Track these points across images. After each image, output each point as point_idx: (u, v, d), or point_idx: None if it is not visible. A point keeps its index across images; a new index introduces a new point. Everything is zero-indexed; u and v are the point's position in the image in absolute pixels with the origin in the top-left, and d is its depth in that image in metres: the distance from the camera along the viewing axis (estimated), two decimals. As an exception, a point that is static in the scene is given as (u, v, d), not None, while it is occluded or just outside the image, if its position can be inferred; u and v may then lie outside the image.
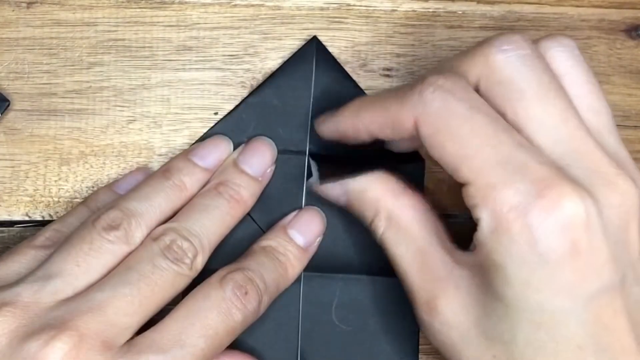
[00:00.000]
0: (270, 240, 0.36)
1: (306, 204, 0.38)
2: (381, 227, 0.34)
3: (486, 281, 0.30)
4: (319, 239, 0.37)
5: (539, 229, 0.28)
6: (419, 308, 0.33)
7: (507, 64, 0.31)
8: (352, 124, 0.34)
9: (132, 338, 0.31)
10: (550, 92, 0.31)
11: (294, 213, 0.37)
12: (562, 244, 0.28)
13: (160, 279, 0.32)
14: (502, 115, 0.31)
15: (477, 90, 0.31)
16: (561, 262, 0.29)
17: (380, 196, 0.34)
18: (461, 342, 0.32)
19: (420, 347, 0.38)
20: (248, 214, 0.37)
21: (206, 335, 0.32)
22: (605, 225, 0.29)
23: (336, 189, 0.35)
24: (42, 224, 0.37)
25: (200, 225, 0.34)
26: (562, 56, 0.32)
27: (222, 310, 0.32)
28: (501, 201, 0.29)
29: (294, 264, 0.36)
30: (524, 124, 0.31)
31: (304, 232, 0.37)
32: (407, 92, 0.31)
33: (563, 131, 0.31)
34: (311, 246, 0.37)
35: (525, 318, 0.29)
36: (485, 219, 0.29)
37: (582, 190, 0.29)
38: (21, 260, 0.34)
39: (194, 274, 0.34)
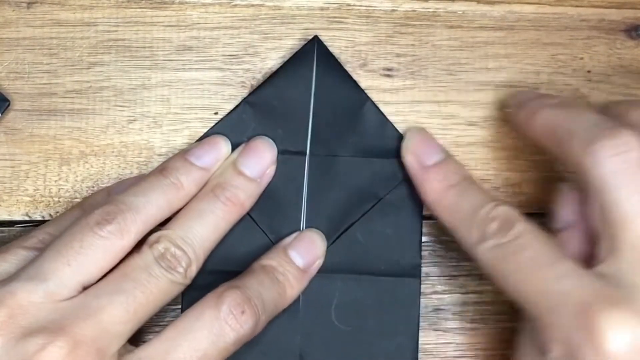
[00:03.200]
0: (271, 260, 0.36)
1: (307, 204, 0.38)
2: None
3: None
4: (319, 261, 0.37)
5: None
6: None
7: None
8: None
9: (124, 346, 0.32)
10: None
11: (294, 235, 0.37)
12: None
13: (155, 287, 0.32)
14: None
15: None
16: None
17: None
18: None
19: (420, 347, 0.38)
20: (248, 214, 0.37)
21: (193, 357, 0.32)
22: None
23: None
24: (42, 224, 0.37)
25: (194, 232, 0.34)
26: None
27: (213, 330, 0.32)
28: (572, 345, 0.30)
29: (293, 285, 0.36)
30: None
31: (304, 254, 0.37)
32: (471, 227, 0.34)
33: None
34: (311, 268, 0.37)
35: None
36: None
37: (625, 312, 0.30)
38: (11, 260, 0.34)
39: (187, 281, 0.34)
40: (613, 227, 0.31)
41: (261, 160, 0.37)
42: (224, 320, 0.32)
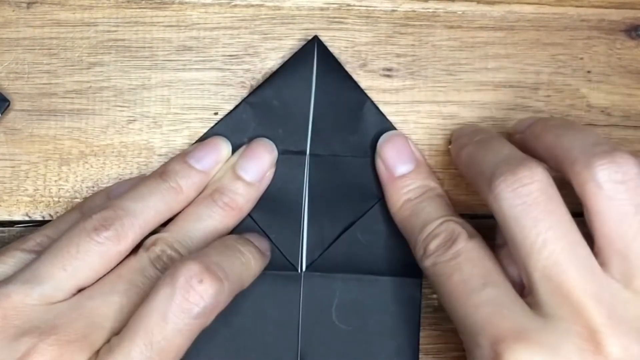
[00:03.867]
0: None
1: (307, 204, 0.38)
2: None
3: None
4: (269, 254, 0.37)
5: None
6: None
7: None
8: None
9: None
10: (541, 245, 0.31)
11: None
12: None
13: (150, 289, 0.32)
14: None
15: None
16: None
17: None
18: None
19: (420, 347, 0.38)
20: (248, 214, 0.37)
21: (152, 342, 0.30)
22: None
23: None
24: (42, 224, 0.37)
25: (190, 236, 0.34)
26: (598, 194, 0.31)
27: (172, 309, 0.30)
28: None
29: (256, 257, 0.35)
30: None
31: (256, 240, 0.36)
32: (417, 242, 0.35)
33: (550, 286, 0.31)
34: (266, 252, 0.37)
35: None
36: None
37: (535, 348, 0.29)
38: (9, 262, 0.34)
39: None
40: (522, 260, 0.31)
41: (260, 164, 0.37)
42: (181, 294, 0.30)
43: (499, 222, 0.32)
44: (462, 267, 0.32)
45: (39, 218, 0.38)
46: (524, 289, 0.32)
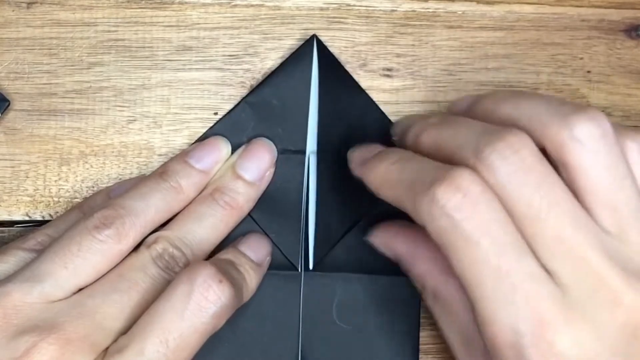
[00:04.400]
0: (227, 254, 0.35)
1: (307, 203, 0.38)
2: (428, 300, 0.35)
3: None
4: (268, 259, 0.37)
5: None
6: None
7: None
8: (375, 180, 0.33)
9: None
10: (545, 209, 0.30)
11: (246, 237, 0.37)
12: None
13: (151, 287, 0.32)
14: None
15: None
16: None
17: (427, 272, 0.35)
18: None
19: (420, 346, 0.38)
20: (248, 214, 0.37)
21: (167, 340, 0.30)
22: (605, 348, 0.29)
23: (389, 253, 0.36)
24: (42, 224, 0.37)
25: (192, 234, 0.34)
26: (580, 152, 0.30)
27: (189, 307, 0.31)
28: (500, 338, 0.29)
29: (252, 277, 0.35)
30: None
31: (254, 248, 0.36)
32: (419, 196, 0.30)
33: (561, 251, 0.29)
34: (263, 262, 0.37)
35: None
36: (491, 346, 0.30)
37: (577, 325, 0.29)
38: (9, 261, 0.34)
39: None
40: (527, 229, 0.30)
41: (260, 163, 0.37)
42: (199, 292, 0.31)
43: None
44: (492, 231, 0.29)
45: (39, 218, 0.38)
46: None
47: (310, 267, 0.38)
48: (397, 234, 0.36)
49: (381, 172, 0.33)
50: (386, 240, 0.37)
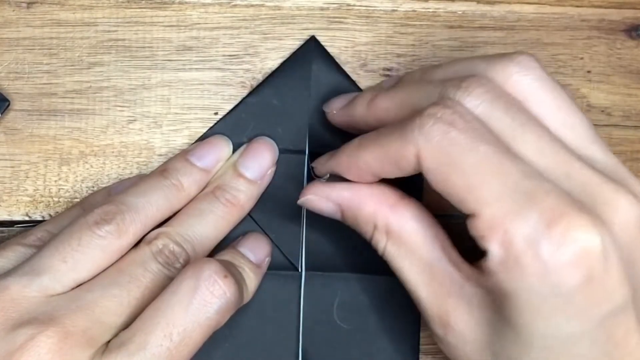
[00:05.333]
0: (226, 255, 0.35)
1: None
2: (382, 242, 0.33)
3: (496, 305, 0.30)
4: (268, 259, 0.37)
5: (551, 261, 0.27)
6: (431, 321, 0.32)
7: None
8: (354, 165, 0.32)
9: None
10: (519, 128, 0.30)
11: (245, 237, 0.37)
12: (576, 275, 0.28)
13: (151, 282, 0.32)
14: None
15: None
16: (574, 290, 0.28)
17: (376, 209, 0.32)
18: (477, 357, 0.31)
19: (420, 346, 0.38)
20: (248, 214, 0.37)
21: (173, 334, 0.30)
22: (616, 248, 0.28)
23: (329, 207, 0.34)
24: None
25: (193, 230, 0.34)
26: (524, 80, 0.31)
27: (194, 302, 0.30)
28: (510, 233, 0.28)
29: (251, 278, 0.35)
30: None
31: (253, 249, 0.36)
32: (407, 127, 0.30)
33: (544, 161, 0.30)
34: (263, 263, 0.36)
35: (536, 344, 0.29)
36: (493, 251, 0.28)
37: (591, 218, 0.28)
38: (9, 256, 0.34)
39: None
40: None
41: (262, 161, 0.37)
42: (205, 287, 0.31)
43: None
44: (486, 137, 0.29)
45: (39, 218, 0.38)
46: None
47: (304, 267, 0.38)
48: (335, 185, 0.33)
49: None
50: (326, 192, 0.33)
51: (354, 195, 0.33)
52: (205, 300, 0.31)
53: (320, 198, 0.34)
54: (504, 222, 0.28)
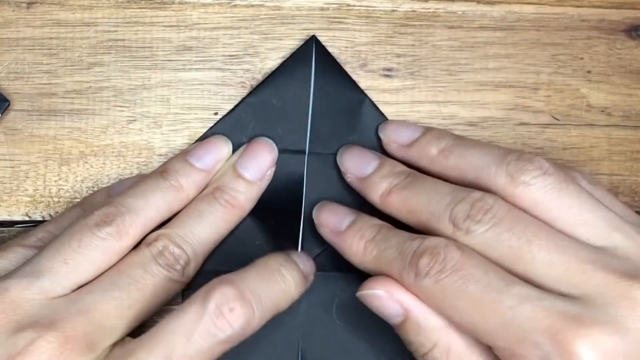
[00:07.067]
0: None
1: (306, 202, 0.38)
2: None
3: None
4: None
5: None
6: None
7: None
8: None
9: (122, 339, 0.32)
10: (526, 246, 0.31)
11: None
12: None
13: (151, 284, 0.32)
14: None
15: None
16: None
17: (440, 327, 0.32)
18: None
19: (420, 347, 0.38)
20: (248, 214, 0.37)
21: (170, 357, 0.30)
22: (628, 351, 0.29)
23: (395, 308, 0.32)
24: (42, 224, 0.37)
25: (193, 232, 0.34)
26: (532, 188, 0.32)
27: (198, 329, 0.30)
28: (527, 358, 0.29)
29: (298, 283, 0.34)
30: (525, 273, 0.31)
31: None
32: (403, 273, 0.31)
33: (554, 273, 0.30)
34: (310, 275, 0.36)
35: None
36: None
37: (596, 327, 0.28)
38: (10, 258, 0.34)
39: (185, 280, 0.34)
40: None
41: (261, 162, 0.37)
42: (210, 318, 0.30)
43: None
44: (473, 273, 0.30)
45: (39, 218, 0.38)
46: None
47: None
48: (401, 287, 0.32)
49: (360, 251, 0.34)
50: (394, 292, 0.32)
51: (420, 305, 0.32)
52: (209, 330, 0.30)
53: (388, 296, 0.32)
54: (514, 355, 0.29)
